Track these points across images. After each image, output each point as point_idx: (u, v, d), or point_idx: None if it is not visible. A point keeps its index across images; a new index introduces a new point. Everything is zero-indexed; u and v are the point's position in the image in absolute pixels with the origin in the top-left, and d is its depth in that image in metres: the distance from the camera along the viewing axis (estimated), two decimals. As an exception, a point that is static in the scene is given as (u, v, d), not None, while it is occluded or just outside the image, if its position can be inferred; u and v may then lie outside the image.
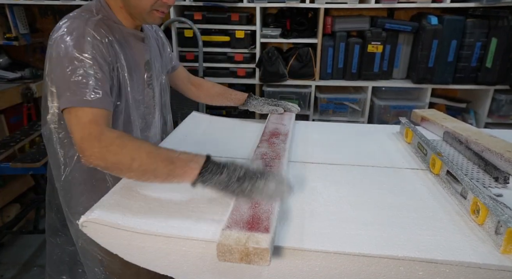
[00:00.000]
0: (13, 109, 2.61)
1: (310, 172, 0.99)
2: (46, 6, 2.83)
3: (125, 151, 0.78)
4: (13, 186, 2.43)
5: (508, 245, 0.66)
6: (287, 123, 1.25)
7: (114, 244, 0.77)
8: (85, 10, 0.97)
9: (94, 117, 0.83)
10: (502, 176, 0.92)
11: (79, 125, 0.82)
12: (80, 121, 0.82)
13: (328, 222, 0.76)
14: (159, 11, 0.97)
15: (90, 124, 0.82)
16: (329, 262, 0.68)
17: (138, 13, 0.97)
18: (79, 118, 0.83)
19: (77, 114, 0.83)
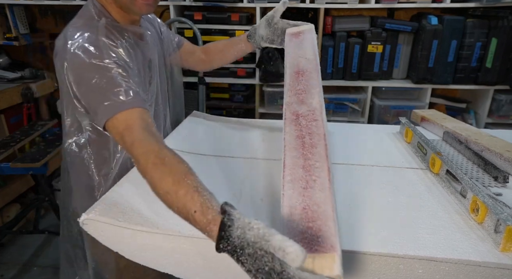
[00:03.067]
0: (13, 109, 2.61)
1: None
2: (46, 6, 2.83)
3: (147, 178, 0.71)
4: (13, 186, 2.43)
5: (507, 243, 0.66)
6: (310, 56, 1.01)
7: (115, 242, 0.77)
8: (87, 18, 0.94)
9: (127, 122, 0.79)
10: (502, 175, 0.92)
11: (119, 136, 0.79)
12: (117, 131, 0.79)
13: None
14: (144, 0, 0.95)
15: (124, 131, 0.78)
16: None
17: (126, 5, 0.95)
18: (115, 128, 0.80)
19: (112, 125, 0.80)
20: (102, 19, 0.94)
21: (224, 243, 0.56)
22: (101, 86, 0.82)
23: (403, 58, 2.55)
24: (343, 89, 2.70)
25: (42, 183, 2.22)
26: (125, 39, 0.97)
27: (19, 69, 2.85)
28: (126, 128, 0.78)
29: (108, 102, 0.81)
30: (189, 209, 0.63)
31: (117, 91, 0.82)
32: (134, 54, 0.98)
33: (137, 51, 1.01)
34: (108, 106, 0.81)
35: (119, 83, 0.83)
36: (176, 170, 0.68)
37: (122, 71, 0.85)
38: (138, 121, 0.79)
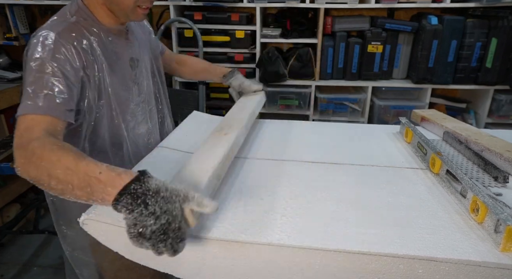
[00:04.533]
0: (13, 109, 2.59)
1: (310, 171, 0.99)
2: (46, 6, 2.83)
3: (43, 165, 0.68)
4: (13, 186, 2.43)
5: (507, 243, 0.66)
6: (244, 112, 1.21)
7: (115, 241, 0.77)
8: (60, 15, 0.96)
9: (31, 124, 0.79)
10: (502, 175, 0.92)
11: (17, 133, 0.78)
12: (18, 128, 0.78)
13: (328, 220, 0.76)
14: (142, 7, 0.96)
15: (24, 132, 0.77)
16: (329, 260, 0.68)
17: (120, 10, 0.95)
18: (19, 125, 0.79)
19: (20, 121, 0.80)
20: (73, 17, 0.94)
21: (137, 185, 0.60)
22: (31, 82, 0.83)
23: (403, 58, 2.55)
24: (343, 89, 2.70)
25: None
26: (99, 37, 0.96)
27: (19, 69, 2.85)
28: (27, 128, 0.78)
29: (27, 100, 0.81)
30: (92, 172, 0.64)
31: (40, 93, 0.81)
32: (106, 51, 0.98)
33: (113, 49, 1.01)
34: (25, 103, 0.81)
35: (46, 86, 0.82)
36: (75, 150, 0.71)
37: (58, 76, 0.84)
38: (44, 125, 0.79)
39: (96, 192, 0.63)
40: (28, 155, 0.71)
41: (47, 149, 0.70)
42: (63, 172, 0.66)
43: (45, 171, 0.68)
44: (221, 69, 1.44)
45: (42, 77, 0.83)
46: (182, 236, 0.60)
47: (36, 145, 0.72)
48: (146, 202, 0.59)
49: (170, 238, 0.59)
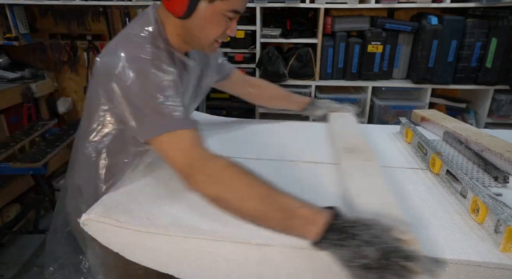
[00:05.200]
0: (13, 109, 2.61)
1: (310, 171, 0.99)
2: (46, 6, 2.82)
3: (235, 188, 0.69)
4: (13, 186, 2.43)
5: (508, 243, 0.66)
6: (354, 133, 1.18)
7: (115, 242, 0.77)
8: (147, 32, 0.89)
9: (193, 140, 0.77)
10: (502, 175, 0.92)
11: (181, 151, 0.76)
12: (180, 147, 0.76)
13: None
14: (219, 41, 0.95)
15: (192, 148, 0.76)
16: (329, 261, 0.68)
17: (198, 43, 0.93)
18: (179, 142, 0.77)
19: (172, 139, 0.77)
20: (160, 39, 0.90)
21: (337, 220, 0.62)
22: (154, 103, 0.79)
23: (403, 58, 2.55)
24: (343, 89, 2.70)
25: (42, 183, 2.22)
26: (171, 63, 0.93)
27: (19, 69, 2.85)
28: (192, 145, 0.77)
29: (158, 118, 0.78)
30: (290, 205, 0.66)
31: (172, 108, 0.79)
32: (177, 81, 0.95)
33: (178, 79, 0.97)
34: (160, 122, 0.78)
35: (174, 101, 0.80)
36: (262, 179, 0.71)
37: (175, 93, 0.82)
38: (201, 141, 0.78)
39: (296, 227, 0.65)
40: (213, 174, 0.71)
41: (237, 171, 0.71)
42: (260, 199, 0.67)
43: (239, 195, 0.69)
44: (300, 98, 1.39)
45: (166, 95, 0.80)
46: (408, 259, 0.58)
47: (220, 164, 0.73)
48: (353, 233, 0.60)
49: (394, 262, 0.57)
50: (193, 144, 0.77)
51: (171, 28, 0.92)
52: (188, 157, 0.74)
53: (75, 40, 2.96)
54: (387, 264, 0.57)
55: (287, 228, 0.66)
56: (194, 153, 0.75)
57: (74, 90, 3.16)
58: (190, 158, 0.74)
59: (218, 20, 0.88)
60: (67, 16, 2.89)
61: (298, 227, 0.64)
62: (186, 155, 0.75)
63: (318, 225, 0.62)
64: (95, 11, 2.86)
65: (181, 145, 0.76)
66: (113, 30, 2.84)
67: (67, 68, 3.07)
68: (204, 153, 0.75)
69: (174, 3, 0.85)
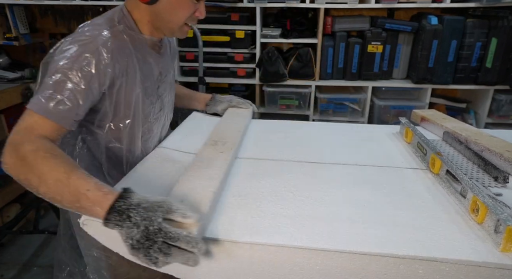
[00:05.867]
0: (13, 109, 2.61)
1: (310, 171, 0.99)
2: (46, 6, 2.83)
3: (35, 171, 0.71)
4: (13, 186, 2.43)
5: (508, 243, 0.66)
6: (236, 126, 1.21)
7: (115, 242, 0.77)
8: (107, 19, 0.93)
9: (34, 125, 0.78)
10: (502, 175, 0.92)
11: (16, 128, 0.78)
12: (21, 123, 0.79)
13: (328, 221, 0.76)
14: (189, 25, 0.97)
15: (24, 130, 0.78)
16: (329, 261, 0.68)
17: (169, 27, 0.95)
18: (23, 119, 0.79)
19: (25, 117, 0.79)
20: (120, 25, 0.92)
21: (120, 202, 0.64)
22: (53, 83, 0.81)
23: (403, 58, 2.55)
24: (343, 89, 2.70)
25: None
26: (138, 48, 0.95)
27: (19, 69, 2.85)
28: (27, 128, 0.78)
29: (42, 97, 0.80)
30: (81, 189, 0.68)
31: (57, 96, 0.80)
32: (142, 64, 0.97)
33: (147, 62, 1.00)
34: (38, 100, 0.80)
35: (64, 91, 0.81)
36: (68, 161, 0.73)
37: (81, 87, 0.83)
38: (45, 130, 0.79)
39: (85, 208, 0.68)
40: (19, 156, 0.72)
41: (40, 156, 0.72)
42: (54, 183, 0.69)
43: (36, 178, 0.70)
44: (203, 95, 1.42)
45: (65, 82, 0.81)
46: (172, 241, 0.61)
47: (30, 148, 0.73)
48: (129, 215, 0.63)
49: (156, 242, 0.60)
50: (29, 128, 0.77)
51: (140, 15, 0.95)
52: (14, 135, 0.76)
53: (75, 40, 2.96)
54: (149, 245, 0.60)
55: (79, 209, 0.69)
56: (21, 134, 0.76)
57: (74, 90, 3.16)
58: (15, 137, 0.76)
59: (185, 2, 0.91)
60: (67, 16, 2.89)
61: (87, 209, 0.67)
62: (14, 133, 0.77)
63: (103, 207, 0.65)
64: (95, 11, 2.86)
65: (22, 123, 0.78)
66: (113, 30, 2.84)
67: (67, 68, 3.07)
68: (27, 138, 0.75)
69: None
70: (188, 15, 0.94)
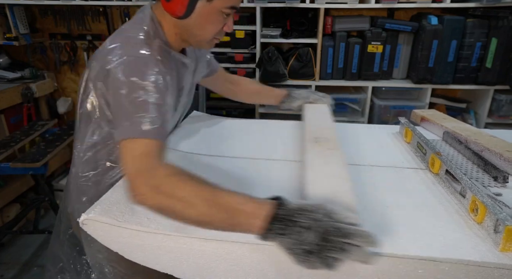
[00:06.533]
0: (13, 109, 2.62)
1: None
2: (46, 6, 2.83)
3: (178, 195, 0.67)
4: (13, 186, 2.43)
5: (507, 243, 0.66)
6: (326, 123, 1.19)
7: (114, 242, 0.77)
8: (143, 32, 0.90)
9: (147, 149, 0.75)
10: (501, 175, 0.92)
11: (132, 158, 0.74)
12: (133, 154, 0.74)
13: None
14: (217, 38, 0.96)
15: (142, 157, 0.73)
16: (328, 261, 0.68)
17: (197, 41, 0.94)
18: (133, 150, 0.75)
19: (131, 146, 0.75)
20: (156, 40, 0.91)
21: (280, 210, 0.62)
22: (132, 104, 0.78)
23: (403, 58, 2.55)
24: (343, 89, 2.70)
25: (42, 183, 2.22)
26: (171, 66, 0.94)
27: (19, 69, 2.85)
28: (144, 153, 0.74)
29: (130, 123, 0.77)
30: (233, 204, 0.65)
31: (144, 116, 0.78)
32: (174, 80, 0.97)
33: (175, 78, 0.99)
34: (128, 127, 0.77)
35: (149, 109, 0.79)
36: (204, 180, 0.70)
37: (158, 98, 0.81)
38: (158, 150, 0.76)
39: (241, 224, 0.64)
40: (156, 184, 0.69)
41: (179, 180, 0.69)
42: (204, 204, 0.66)
43: (182, 202, 0.67)
44: (277, 92, 1.39)
45: (144, 101, 0.79)
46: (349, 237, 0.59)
47: (164, 173, 0.70)
48: (295, 221, 0.61)
49: (333, 241, 0.59)
50: (147, 154, 0.74)
51: (168, 27, 0.94)
52: (136, 165, 0.72)
53: (75, 40, 2.96)
54: (326, 245, 0.58)
55: (233, 226, 0.66)
56: (143, 162, 0.73)
57: (74, 90, 3.17)
58: (138, 166, 0.72)
59: (216, 17, 0.90)
60: (67, 16, 2.89)
61: (243, 224, 0.64)
62: (135, 163, 0.73)
63: (261, 218, 0.62)
64: (95, 11, 2.86)
65: (135, 152, 0.74)
66: (113, 30, 2.83)
67: (67, 68, 3.08)
68: (153, 163, 0.72)
69: (173, 5, 0.85)
70: (217, 30, 0.92)
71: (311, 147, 1.00)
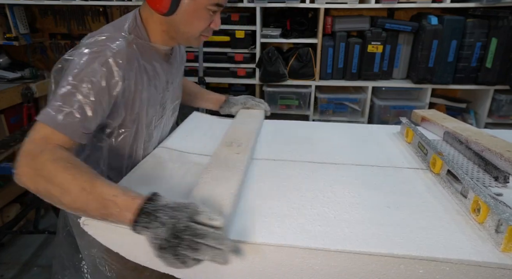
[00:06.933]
0: (13, 109, 2.61)
1: (310, 172, 0.99)
2: (46, 6, 2.83)
3: (57, 181, 0.69)
4: (13, 186, 2.43)
5: (509, 243, 0.66)
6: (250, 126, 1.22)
7: (115, 242, 0.77)
8: (117, 27, 0.92)
9: (46, 136, 0.76)
10: (502, 175, 0.92)
11: (29, 140, 0.76)
12: (35, 134, 0.76)
13: (329, 221, 0.76)
14: (205, 35, 0.97)
15: (40, 140, 0.75)
16: (329, 261, 0.68)
17: (185, 38, 0.95)
18: (36, 130, 0.77)
19: (38, 128, 0.77)
20: (131, 36, 0.91)
21: (148, 204, 0.64)
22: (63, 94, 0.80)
23: (403, 58, 2.55)
24: (343, 89, 2.70)
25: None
26: (147, 59, 0.95)
27: (19, 69, 2.85)
28: (44, 138, 0.76)
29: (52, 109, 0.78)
30: (107, 195, 0.67)
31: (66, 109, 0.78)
32: (150, 75, 0.97)
33: (155, 72, 0.99)
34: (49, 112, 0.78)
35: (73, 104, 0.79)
36: (88, 170, 0.72)
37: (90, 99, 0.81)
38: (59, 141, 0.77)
39: (113, 215, 0.66)
40: (38, 167, 0.71)
41: (61, 166, 0.71)
42: (79, 191, 0.68)
43: (58, 188, 0.69)
44: (215, 96, 1.41)
45: (74, 94, 0.80)
46: (200, 237, 0.61)
47: (48, 158, 0.71)
48: (157, 215, 0.63)
49: (184, 240, 0.60)
50: (44, 139, 0.76)
51: (155, 25, 0.95)
52: (29, 147, 0.74)
53: (75, 40, 2.96)
54: (177, 243, 0.60)
55: (105, 216, 0.67)
56: (36, 145, 0.74)
57: (74, 90, 3.16)
58: (30, 148, 0.74)
59: (202, 14, 0.91)
60: (67, 16, 2.89)
61: (115, 215, 0.66)
62: (29, 144, 0.75)
63: (132, 211, 0.64)
64: (95, 11, 2.86)
65: (35, 135, 0.76)
66: (113, 30, 2.84)
67: (67, 68, 3.07)
68: (42, 148, 0.74)
69: (157, 1, 0.87)
70: (204, 26, 0.93)
71: (219, 150, 1.01)
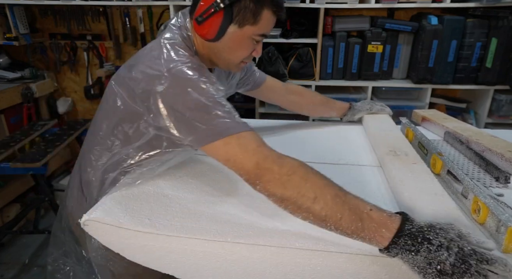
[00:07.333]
0: (13, 109, 2.61)
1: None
2: (46, 6, 2.82)
3: (309, 186, 0.67)
4: (13, 186, 2.43)
5: (509, 244, 0.66)
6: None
7: (116, 243, 0.77)
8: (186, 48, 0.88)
9: (258, 141, 0.75)
10: (503, 176, 0.92)
11: (248, 152, 0.73)
12: (248, 148, 0.73)
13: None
14: (245, 62, 0.95)
15: (260, 148, 0.74)
16: (331, 261, 0.68)
17: (225, 64, 0.94)
18: (245, 145, 0.74)
19: (238, 142, 0.74)
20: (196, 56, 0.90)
21: (409, 225, 0.60)
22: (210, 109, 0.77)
23: (403, 58, 2.55)
24: (343, 89, 2.70)
25: (42, 183, 2.21)
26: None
27: (19, 69, 2.85)
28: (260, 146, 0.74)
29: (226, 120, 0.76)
30: (362, 207, 0.64)
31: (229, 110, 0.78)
32: None
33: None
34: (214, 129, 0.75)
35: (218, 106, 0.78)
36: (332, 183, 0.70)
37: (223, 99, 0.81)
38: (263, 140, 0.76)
39: (368, 230, 0.62)
40: (286, 172, 0.69)
41: (310, 171, 0.70)
42: (332, 198, 0.65)
43: (311, 192, 0.66)
44: (340, 104, 1.39)
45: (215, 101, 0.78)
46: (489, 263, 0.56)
47: (296, 163, 0.71)
48: (427, 238, 0.59)
49: (472, 265, 0.56)
50: (260, 145, 0.74)
51: (199, 47, 0.93)
52: (257, 158, 0.72)
53: (75, 40, 2.96)
54: (466, 269, 0.55)
55: (358, 230, 0.63)
56: (263, 153, 0.73)
57: (74, 90, 3.16)
58: (259, 158, 0.72)
59: (246, 43, 0.89)
60: (67, 16, 2.89)
61: (371, 230, 0.62)
62: (255, 155, 0.72)
63: (391, 230, 0.61)
64: (95, 11, 2.85)
65: (249, 146, 0.74)
66: (113, 30, 2.83)
67: (67, 68, 3.07)
68: (272, 153, 0.73)
69: (205, 27, 0.85)
70: (247, 55, 0.92)
71: (390, 160, 0.98)
